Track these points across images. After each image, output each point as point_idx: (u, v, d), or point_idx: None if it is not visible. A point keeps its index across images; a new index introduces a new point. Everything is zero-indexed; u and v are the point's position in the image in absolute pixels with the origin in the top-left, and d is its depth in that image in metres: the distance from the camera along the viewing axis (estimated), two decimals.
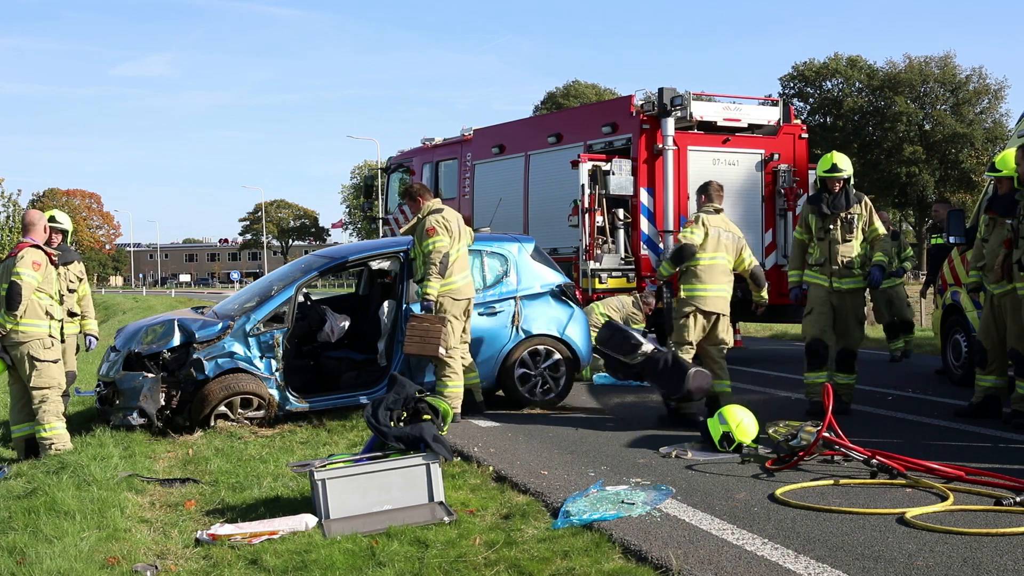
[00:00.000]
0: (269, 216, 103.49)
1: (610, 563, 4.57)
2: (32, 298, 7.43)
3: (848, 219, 8.27)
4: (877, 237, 8.27)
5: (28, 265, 7.44)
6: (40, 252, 7.57)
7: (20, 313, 7.38)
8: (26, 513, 5.57)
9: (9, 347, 7.46)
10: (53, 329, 7.57)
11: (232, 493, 6.16)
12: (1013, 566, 4.33)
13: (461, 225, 8.70)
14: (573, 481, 6.14)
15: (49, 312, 7.54)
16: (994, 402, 7.90)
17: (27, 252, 7.50)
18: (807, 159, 13.15)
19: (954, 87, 51.68)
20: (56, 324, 7.61)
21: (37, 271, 7.45)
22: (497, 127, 15.53)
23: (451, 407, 7.65)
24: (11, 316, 7.39)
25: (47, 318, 7.53)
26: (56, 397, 7.54)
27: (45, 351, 7.49)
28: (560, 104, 59.35)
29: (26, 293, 7.38)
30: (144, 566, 4.73)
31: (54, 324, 7.58)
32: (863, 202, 8.38)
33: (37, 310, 7.47)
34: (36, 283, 7.44)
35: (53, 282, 7.64)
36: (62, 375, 7.65)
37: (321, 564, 4.67)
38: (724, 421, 6.91)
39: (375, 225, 24.49)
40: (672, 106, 12.02)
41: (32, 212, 7.97)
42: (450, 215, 8.62)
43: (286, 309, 8.75)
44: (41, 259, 7.54)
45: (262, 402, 8.45)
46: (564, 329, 9.50)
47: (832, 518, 5.17)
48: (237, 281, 79.40)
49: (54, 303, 7.61)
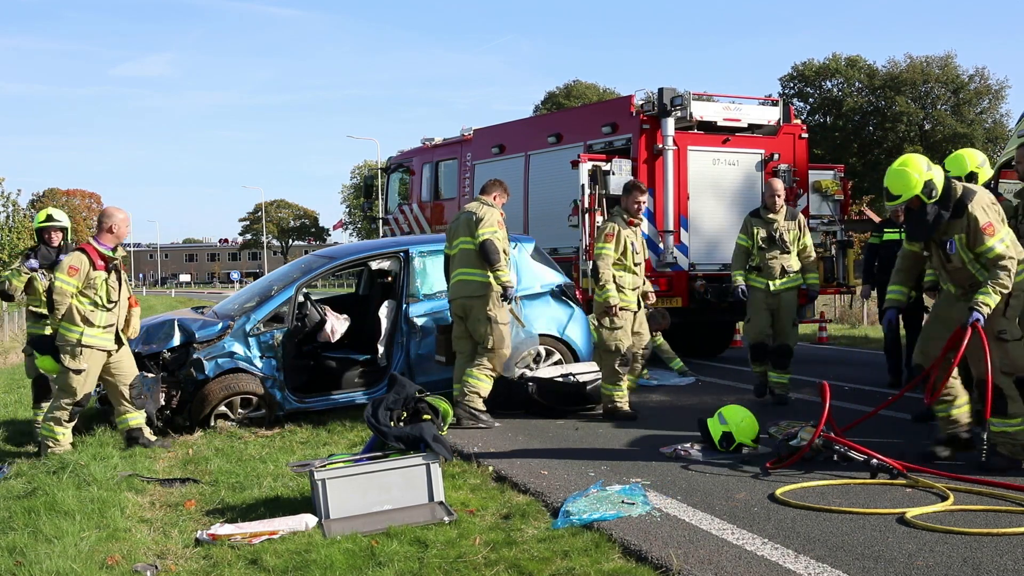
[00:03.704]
0: (269, 216, 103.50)
1: (610, 563, 4.57)
2: (72, 303, 7.39)
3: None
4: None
5: (64, 270, 7.42)
6: (81, 256, 7.48)
7: (60, 316, 7.38)
8: (26, 513, 5.56)
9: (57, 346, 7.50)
10: (86, 338, 7.40)
11: (232, 493, 6.16)
12: (1013, 566, 4.33)
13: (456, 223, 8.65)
14: (573, 481, 6.15)
15: (88, 318, 7.42)
16: None
17: (68, 256, 7.52)
18: (807, 159, 13.15)
19: (956, 87, 51.67)
20: (95, 331, 7.45)
21: (73, 276, 7.39)
22: (497, 127, 15.53)
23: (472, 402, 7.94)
24: (52, 318, 7.42)
25: (82, 324, 7.41)
26: (64, 404, 7.46)
27: (71, 360, 7.41)
28: (560, 104, 59.33)
29: (59, 299, 7.36)
30: (144, 566, 4.73)
31: (89, 331, 7.42)
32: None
33: (73, 315, 7.40)
34: (73, 288, 7.38)
35: (98, 287, 7.49)
36: (84, 386, 7.49)
37: (321, 564, 4.67)
38: (724, 421, 6.91)
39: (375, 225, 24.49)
40: (672, 106, 12.02)
41: (105, 210, 7.82)
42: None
43: (286, 309, 8.76)
44: (79, 263, 7.43)
45: (262, 402, 8.45)
46: (564, 329, 9.51)
47: (832, 518, 5.17)
48: (237, 281, 79.43)
49: (96, 310, 7.47)
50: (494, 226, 8.28)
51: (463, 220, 8.45)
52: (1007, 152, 9.66)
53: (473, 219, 8.31)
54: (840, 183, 13.22)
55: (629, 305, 8.47)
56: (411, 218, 17.53)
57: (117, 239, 7.71)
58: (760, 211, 9.36)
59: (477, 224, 8.25)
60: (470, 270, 8.30)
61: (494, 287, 8.21)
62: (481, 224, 8.24)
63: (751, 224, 9.29)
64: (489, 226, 8.25)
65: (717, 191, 12.50)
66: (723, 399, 8.82)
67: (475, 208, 8.43)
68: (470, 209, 8.48)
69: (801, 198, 12.66)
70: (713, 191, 12.47)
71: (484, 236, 8.18)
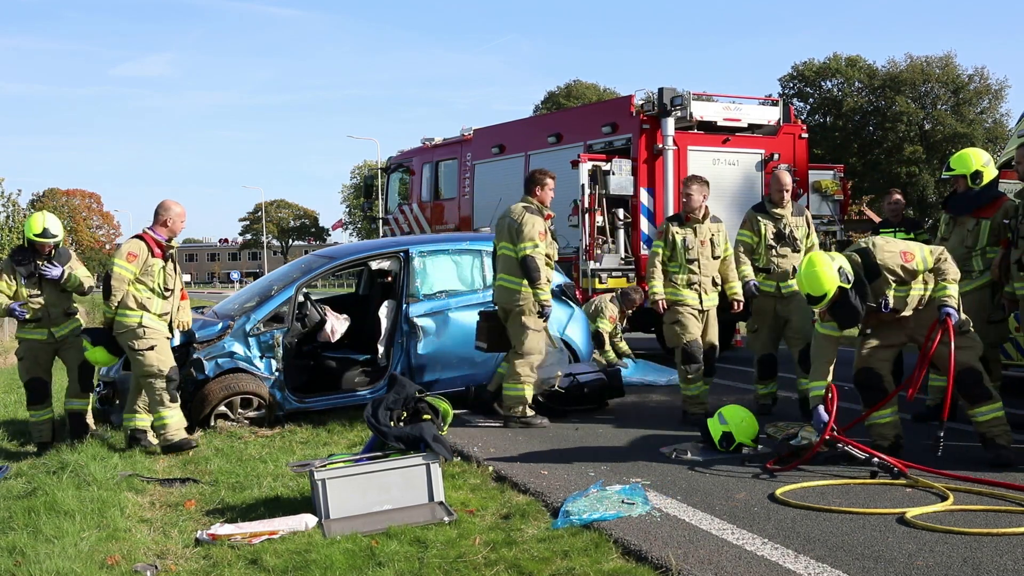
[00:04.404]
0: (269, 216, 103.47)
1: (610, 563, 4.57)
2: (129, 290, 7.43)
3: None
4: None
5: (123, 256, 7.51)
6: (139, 243, 7.57)
7: (116, 303, 7.42)
8: (26, 513, 5.56)
9: (116, 336, 7.53)
10: (146, 320, 7.49)
11: (232, 493, 6.16)
12: (1013, 566, 4.33)
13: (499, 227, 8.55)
14: (573, 481, 6.15)
15: (144, 304, 7.49)
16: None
17: (127, 243, 7.59)
18: (807, 159, 13.16)
19: (956, 87, 51.64)
20: (151, 316, 7.52)
21: (132, 262, 7.47)
22: (497, 127, 15.53)
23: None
24: (108, 306, 7.46)
25: (140, 310, 7.48)
26: (160, 385, 7.48)
27: (138, 340, 7.46)
28: (561, 104, 59.28)
29: (116, 285, 7.42)
30: (144, 566, 4.73)
31: (147, 316, 7.50)
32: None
33: (131, 301, 7.46)
34: (131, 275, 7.45)
35: (155, 274, 7.57)
36: (163, 361, 7.52)
37: (321, 564, 4.67)
38: (724, 421, 6.91)
39: (375, 225, 24.48)
40: (672, 106, 12.03)
41: (162, 202, 7.81)
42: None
43: (286, 309, 8.76)
44: (139, 250, 7.53)
45: (262, 402, 8.45)
46: (564, 329, 9.51)
47: (832, 518, 5.17)
48: (237, 281, 79.41)
49: (153, 296, 7.55)
50: (534, 239, 8.10)
51: (505, 224, 8.32)
52: (1007, 152, 9.69)
53: (514, 227, 8.20)
54: (840, 183, 13.24)
55: (682, 300, 8.22)
56: (411, 218, 17.54)
57: (171, 233, 7.76)
58: (765, 205, 8.59)
59: (517, 234, 8.15)
60: (510, 278, 8.26)
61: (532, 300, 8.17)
62: (521, 236, 8.12)
63: (756, 220, 8.47)
64: (529, 240, 8.09)
65: (717, 191, 12.41)
66: (723, 399, 8.81)
67: (517, 213, 8.25)
68: (513, 213, 8.29)
69: (801, 198, 12.66)
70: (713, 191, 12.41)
71: (524, 252, 8.08)
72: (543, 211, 8.36)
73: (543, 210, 8.37)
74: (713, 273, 8.32)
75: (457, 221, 15.96)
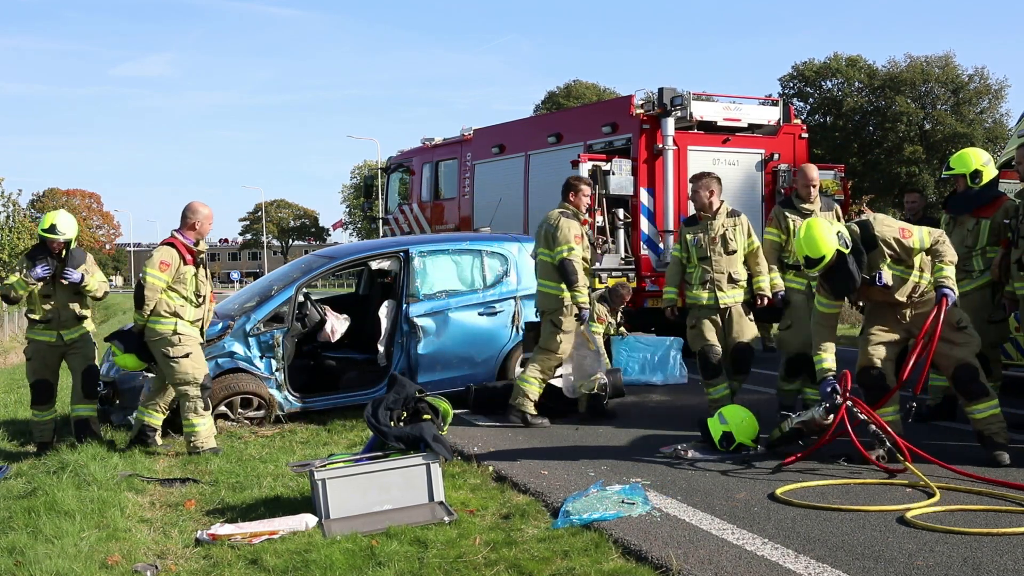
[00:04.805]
0: (269, 216, 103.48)
1: (610, 563, 4.57)
2: (162, 297, 7.38)
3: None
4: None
5: (156, 265, 7.40)
6: (171, 251, 7.47)
7: (148, 312, 7.36)
8: (26, 513, 5.56)
9: (148, 344, 7.47)
10: (180, 327, 7.42)
11: (232, 493, 6.17)
12: (1013, 566, 4.33)
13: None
14: (573, 481, 6.15)
15: (177, 312, 7.42)
16: (951, 403, 7.88)
17: (158, 251, 7.50)
18: (807, 159, 13.15)
19: (956, 87, 51.65)
20: (185, 324, 7.45)
21: (165, 271, 7.38)
22: (497, 127, 15.54)
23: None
24: (140, 314, 7.40)
25: (174, 317, 7.41)
26: (194, 392, 7.43)
27: (173, 348, 7.39)
28: (561, 104, 59.27)
29: (150, 295, 7.35)
30: (144, 566, 4.73)
31: (181, 323, 7.43)
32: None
33: (164, 308, 7.40)
34: (163, 283, 7.38)
35: (188, 282, 7.48)
36: (197, 368, 7.47)
37: (321, 564, 4.67)
38: (724, 421, 6.91)
39: (375, 225, 24.49)
40: (672, 106, 12.04)
41: (190, 204, 7.72)
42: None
43: (286, 309, 8.76)
44: (171, 259, 7.43)
45: (262, 402, 8.45)
46: None
47: (832, 518, 5.17)
48: (237, 281, 79.37)
49: (186, 304, 7.47)
50: (571, 242, 8.08)
51: (543, 231, 8.28)
52: (1007, 152, 9.69)
53: (551, 232, 8.17)
54: (840, 183, 13.24)
55: (697, 301, 7.93)
56: (411, 218, 17.55)
57: (199, 235, 7.66)
58: (793, 201, 8.12)
59: (553, 239, 8.13)
60: (549, 283, 8.25)
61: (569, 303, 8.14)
62: (557, 241, 8.10)
63: (785, 217, 7.97)
64: (565, 243, 8.06)
65: None
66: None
67: (554, 219, 8.22)
68: (550, 219, 8.26)
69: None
70: None
71: (560, 256, 8.07)
72: (579, 216, 8.36)
73: (579, 215, 8.36)
74: (730, 269, 7.93)
75: (457, 221, 15.98)
